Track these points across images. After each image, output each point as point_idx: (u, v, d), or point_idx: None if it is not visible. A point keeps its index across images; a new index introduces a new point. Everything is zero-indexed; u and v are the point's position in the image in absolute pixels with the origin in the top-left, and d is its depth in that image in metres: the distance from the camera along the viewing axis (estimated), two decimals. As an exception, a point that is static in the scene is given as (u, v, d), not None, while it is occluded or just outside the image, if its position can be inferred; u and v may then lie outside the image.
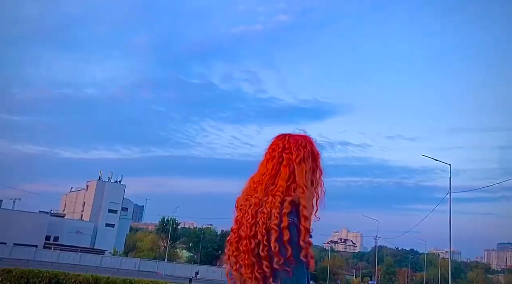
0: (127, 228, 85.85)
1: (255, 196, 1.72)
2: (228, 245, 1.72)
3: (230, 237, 1.72)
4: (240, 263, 1.65)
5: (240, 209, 1.74)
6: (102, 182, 79.57)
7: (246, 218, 1.67)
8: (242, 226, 1.67)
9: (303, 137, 1.88)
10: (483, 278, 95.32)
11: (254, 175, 1.83)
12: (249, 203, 1.71)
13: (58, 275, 13.31)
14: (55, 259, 50.84)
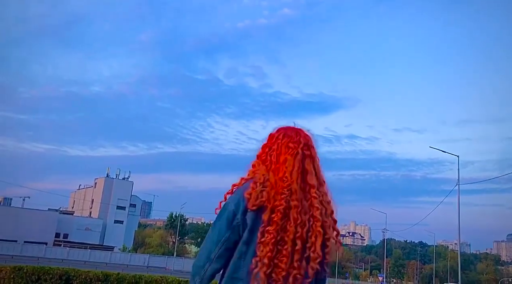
0: (135, 224, 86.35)
1: (295, 198, 1.69)
2: (262, 246, 1.63)
3: (265, 238, 1.63)
4: (279, 265, 1.62)
5: (276, 210, 1.66)
6: (110, 179, 79.99)
7: (295, 222, 1.66)
8: (287, 229, 1.65)
9: (306, 131, 1.91)
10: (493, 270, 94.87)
11: (273, 170, 1.76)
12: (289, 205, 1.67)
13: (68, 271, 13.40)
14: (65, 256, 51.34)
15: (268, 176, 1.73)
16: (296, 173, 1.73)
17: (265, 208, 1.66)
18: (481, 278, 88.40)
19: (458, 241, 32.65)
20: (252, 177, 1.77)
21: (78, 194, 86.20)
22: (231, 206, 1.73)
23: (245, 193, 1.70)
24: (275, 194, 1.68)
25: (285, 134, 1.85)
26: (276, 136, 1.86)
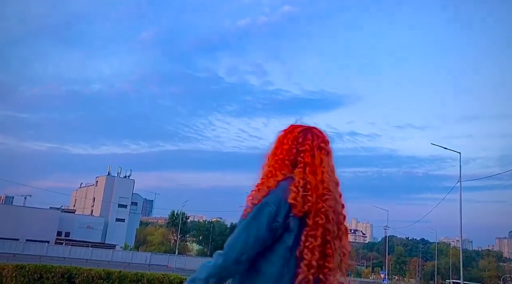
0: (137, 222, 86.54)
1: (332, 198, 1.73)
2: (310, 251, 1.63)
3: (312, 243, 1.64)
4: (326, 266, 1.65)
5: (320, 213, 1.68)
6: (111, 177, 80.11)
7: (333, 222, 1.70)
8: (329, 230, 1.68)
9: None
10: (495, 266, 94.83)
11: (311, 172, 1.74)
12: (329, 207, 1.71)
13: (70, 270, 13.40)
14: (67, 254, 51.45)
15: (308, 178, 1.71)
16: (331, 173, 1.77)
17: (310, 212, 1.66)
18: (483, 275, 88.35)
19: (460, 238, 32.62)
20: (282, 179, 1.73)
21: (80, 193, 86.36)
22: (272, 207, 1.66)
23: (290, 198, 1.66)
24: (317, 197, 1.68)
25: (313, 134, 1.84)
26: (303, 137, 1.82)
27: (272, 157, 1.83)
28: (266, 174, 1.79)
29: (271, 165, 1.81)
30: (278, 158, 1.80)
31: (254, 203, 1.69)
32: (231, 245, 1.67)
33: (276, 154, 1.82)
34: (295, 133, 1.84)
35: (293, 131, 1.86)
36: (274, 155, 1.83)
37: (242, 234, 1.67)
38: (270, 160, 1.82)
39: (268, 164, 1.82)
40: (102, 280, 13.22)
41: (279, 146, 1.84)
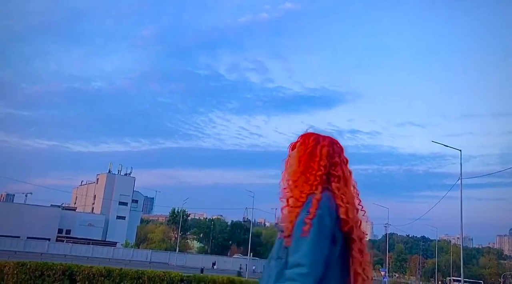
0: (137, 220, 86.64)
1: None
2: (366, 265, 1.74)
3: (365, 256, 1.74)
4: (368, 276, 1.74)
5: (359, 226, 1.77)
6: (112, 175, 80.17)
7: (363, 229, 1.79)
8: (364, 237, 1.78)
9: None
10: (495, 264, 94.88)
11: (347, 185, 1.82)
12: (362, 218, 1.81)
13: (71, 267, 13.42)
14: (68, 251, 51.55)
15: (345, 192, 1.76)
16: (354, 184, 1.86)
17: (352, 227, 1.72)
18: (484, 273, 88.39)
19: (461, 235, 32.62)
20: (322, 192, 1.73)
21: (81, 190, 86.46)
22: (329, 222, 1.67)
23: (342, 213, 1.70)
24: (356, 212, 1.77)
25: (338, 146, 1.90)
26: (332, 149, 1.86)
27: (304, 169, 1.81)
28: (301, 186, 1.77)
29: (305, 177, 1.78)
30: (316, 172, 1.78)
31: (309, 218, 1.65)
32: (313, 262, 1.60)
33: (312, 168, 1.80)
34: (326, 146, 1.85)
35: (321, 143, 1.87)
36: (307, 167, 1.80)
37: (317, 250, 1.62)
38: (302, 173, 1.80)
39: (298, 176, 1.80)
40: (103, 277, 13.24)
41: (313, 159, 1.82)
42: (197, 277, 14.32)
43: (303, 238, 1.62)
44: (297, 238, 1.63)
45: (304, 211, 1.68)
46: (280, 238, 1.72)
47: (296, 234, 1.64)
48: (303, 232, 1.63)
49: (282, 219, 1.76)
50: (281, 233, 1.72)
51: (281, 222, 1.75)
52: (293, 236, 1.65)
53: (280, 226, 1.75)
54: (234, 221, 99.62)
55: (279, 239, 1.73)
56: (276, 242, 1.74)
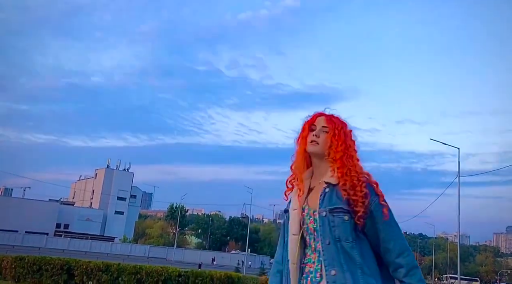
0: (136, 215, 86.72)
1: None
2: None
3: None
4: None
5: None
6: (110, 170, 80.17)
7: None
8: None
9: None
10: (492, 262, 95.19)
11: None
12: None
13: (69, 262, 13.45)
14: (66, 246, 51.59)
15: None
16: None
17: None
18: (480, 270, 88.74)
19: (458, 233, 32.71)
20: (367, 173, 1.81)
21: (79, 185, 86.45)
22: None
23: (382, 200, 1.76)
24: None
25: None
26: (349, 129, 1.90)
27: (353, 147, 1.84)
28: (357, 164, 1.81)
29: (351, 153, 1.81)
30: (352, 153, 1.83)
31: (384, 201, 1.75)
32: (405, 243, 1.75)
33: (353, 149, 1.85)
34: (347, 125, 1.91)
35: (346, 124, 1.92)
36: (353, 147, 1.84)
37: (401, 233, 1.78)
38: (347, 149, 1.81)
39: (342, 147, 1.80)
40: (101, 272, 13.27)
41: (350, 141, 1.85)
42: (194, 272, 14.36)
43: (390, 222, 1.72)
44: (385, 222, 1.70)
45: (373, 193, 1.73)
46: (339, 217, 1.68)
47: (383, 218, 1.70)
48: (385, 215, 1.70)
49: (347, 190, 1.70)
50: (346, 212, 1.68)
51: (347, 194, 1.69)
52: (379, 219, 1.69)
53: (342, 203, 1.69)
54: (232, 217, 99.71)
55: (337, 218, 1.68)
56: (327, 221, 1.69)
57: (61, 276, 12.90)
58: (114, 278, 13.42)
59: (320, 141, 1.79)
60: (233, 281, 16.14)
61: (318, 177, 1.81)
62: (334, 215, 1.67)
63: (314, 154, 1.80)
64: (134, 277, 13.22)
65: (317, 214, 1.71)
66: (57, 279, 12.82)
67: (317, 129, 1.83)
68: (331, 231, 1.66)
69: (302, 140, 1.84)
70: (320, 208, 1.71)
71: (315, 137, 1.80)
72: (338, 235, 1.66)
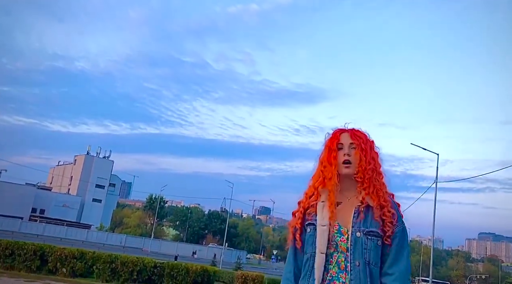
0: (114, 204, 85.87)
1: None
2: None
3: None
4: None
5: None
6: (90, 156, 79.15)
7: None
8: None
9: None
10: (463, 266, 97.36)
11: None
12: None
13: (43, 248, 13.26)
14: (41, 231, 50.77)
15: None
16: None
17: None
18: (451, 274, 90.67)
19: (432, 237, 33.36)
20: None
21: (57, 170, 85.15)
22: None
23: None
24: None
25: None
26: (372, 140, 1.94)
27: (374, 161, 1.84)
28: (378, 178, 1.81)
29: (378, 170, 1.83)
30: (379, 169, 1.86)
31: (402, 225, 1.76)
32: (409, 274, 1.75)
33: (379, 164, 1.87)
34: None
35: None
36: (375, 161, 1.84)
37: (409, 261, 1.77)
38: (375, 166, 1.83)
39: (372, 165, 1.81)
40: (76, 259, 13.14)
41: (374, 154, 1.87)
42: (170, 264, 14.34)
43: (403, 250, 1.72)
44: (400, 249, 1.71)
45: (399, 214, 1.75)
46: (373, 241, 1.68)
47: (400, 242, 1.71)
48: (403, 241, 1.73)
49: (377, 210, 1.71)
50: (380, 237, 1.69)
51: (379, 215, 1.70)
52: (396, 243, 1.70)
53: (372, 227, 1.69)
54: (211, 210, 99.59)
55: (371, 241, 1.68)
56: (360, 242, 1.68)
57: (34, 261, 12.73)
58: (88, 266, 13.30)
59: (352, 160, 1.78)
60: (209, 274, 16.16)
61: (345, 193, 1.78)
62: (369, 238, 1.67)
63: (348, 175, 1.78)
64: (109, 266, 13.12)
65: (350, 233, 1.69)
66: (29, 264, 12.64)
67: (345, 148, 1.81)
68: (363, 254, 1.66)
69: (333, 160, 1.79)
70: (354, 227, 1.69)
71: (347, 156, 1.79)
72: (369, 259, 1.66)
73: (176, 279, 13.66)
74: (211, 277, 16.73)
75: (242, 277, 14.49)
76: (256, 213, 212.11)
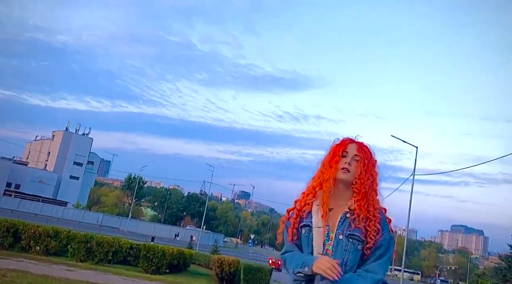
0: (92, 182, 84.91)
1: None
2: None
3: None
4: None
5: None
6: (69, 133, 77.80)
7: None
8: None
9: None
10: (434, 257, 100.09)
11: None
12: None
13: (17, 224, 12.99)
14: (15, 207, 49.93)
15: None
16: None
17: None
18: (423, 264, 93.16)
19: (407, 228, 34.04)
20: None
21: (34, 145, 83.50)
22: None
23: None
24: None
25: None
26: (375, 159, 2.00)
27: (373, 178, 1.90)
28: (373, 194, 1.88)
29: (374, 187, 1.90)
30: (375, 187, 1.92)
31: (389, 234, 1.83)
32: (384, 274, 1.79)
33: (376, 182, 1.92)
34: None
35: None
36: (373, 179, 1.90)
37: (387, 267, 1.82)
38: (372, 183, 1.89)
39: (370, 181, 1.88)
40: (50, 238, 12.93)
41: (374, 172, 1.93)
42: (147, 246, 14.24)
43: (383, 261, 1.78)
44: (380, 259, 1.78)
45: (387, 228, 1.83)
46: (354, 244, 1.76)
47: (382, 255, 1.78)
48: (385, 254, 1.79)
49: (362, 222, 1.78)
50: (361, 242, 1.77)
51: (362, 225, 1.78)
52: (376, 253, 1.77)
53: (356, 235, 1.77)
54: (190, 193, 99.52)
55: (351, 244, 1.76)
56: (342, 245, 1.77)
57: (6, 238, 12.47)
58: (63, 245, 13.11)
59: (351, 170, 1.86)
60: (185, 257, 16.15)
61: (337, 199, 1.87)
62: (350, 240, 1.76)
63: (343, 181, 1.86)
64: (84, 245, 12.95)
65: (334, 235, 1.79)
66: (2, 241, 12.38)
67: (349, 157, 1.90)
68: (342, 254, 1.75)
69: (334, 164, 1.88)
70: (337, 230, 1.79)
71: (347, 164, 1.87)
72: (347, 260, 1.75)
73: (152, 261, 13.60)
74: (187, 260, 16.72)
75: (218, 261, 14.51)
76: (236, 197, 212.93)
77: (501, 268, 28.32)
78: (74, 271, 10.13)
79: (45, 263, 10.82)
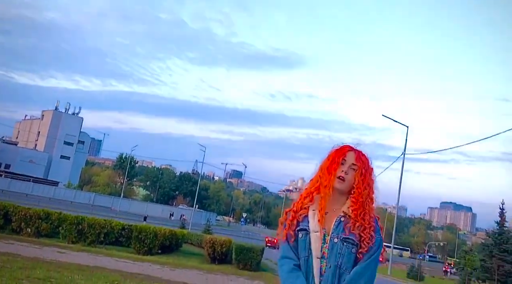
0: (83, 161, 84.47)
1: None
2: None
3: None
4: None
5: None
6: (58, 112, 76.94)
7: None
8: None
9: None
10: (424, 234, 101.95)
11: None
12: None
13: (7, 207, 12.91)
14: (6, 187, 49.63)
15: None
16: None
17: None
18: (412, 241, 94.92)
19: (397, 206, 34.55)
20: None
21: (24, 125, 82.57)
22: None
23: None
24: None
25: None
26: (372, 167, 2.00)
27: (369, 187, 1.93)
28: (369, 203, 1.90)
29: (371, 196, 1.93)
30: (372, 195, 1.94)
31: (380, 237, 1.87)
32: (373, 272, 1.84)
33: (372, 191, 1.94)
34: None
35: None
36: (370, 188, 1.93)
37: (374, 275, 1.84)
38: (369, 192, 1.92)
39: (367, 191, 1.91)
40: (41, 220, 12.87)
41: (371, 181, 1.95)
42: (138, 227, 14.25)
43: (370, 265, 1.81)
44: (368, 263, 1.81)
45: (379, 234, 1.87)
46: (348, 247, 1.81)
47: (370, 259, 1.81)
48: (372, 259, 1.82)
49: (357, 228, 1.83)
50: (355, 245, 1.81)
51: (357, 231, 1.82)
52: (365, 258, 1.81)
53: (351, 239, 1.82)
54: (182, 172, 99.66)
55: (345, 248, 1.81)
56: (336, 248, 1.81)
57: (-4, 221, 12.38)
58: (54, 226, 13.08)
59: (347, 179, 1.90)
60: (177, 238, 16.21)
61: (332, 204, 1.91)
62: (344, 244, 1.81)
63: (339, 190, 1.90)
64: (76, 227, 12.93)
65: (329, 239, 1.84)
66: (-8, 223, 12.29)
67: (346, 165, 1.93)
68: (336, 258, 1.80)
69: (333, 171, 1.91)
70: (332, 234, 1.84)
71: (343, 173, 1.90)
72: (341, 263, 1.80)
73: (144, 242, 13.64)
74: (179, 240, 16.81)
75: (210, 241, 14.59)
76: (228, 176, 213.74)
77: (488, 245, 28.90)
78: (66, 253, 10.12)
79: (37, 245, 10.81)
